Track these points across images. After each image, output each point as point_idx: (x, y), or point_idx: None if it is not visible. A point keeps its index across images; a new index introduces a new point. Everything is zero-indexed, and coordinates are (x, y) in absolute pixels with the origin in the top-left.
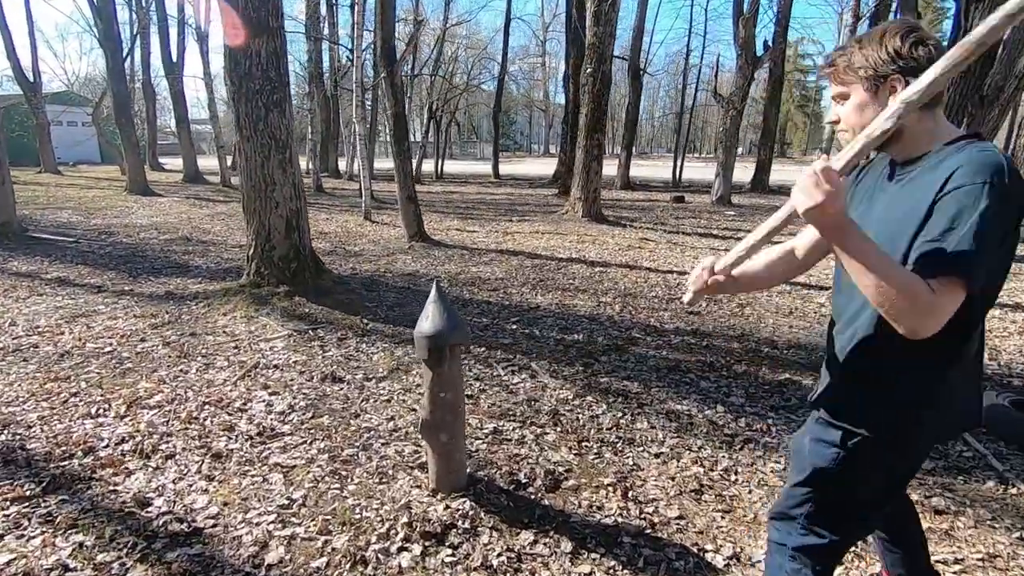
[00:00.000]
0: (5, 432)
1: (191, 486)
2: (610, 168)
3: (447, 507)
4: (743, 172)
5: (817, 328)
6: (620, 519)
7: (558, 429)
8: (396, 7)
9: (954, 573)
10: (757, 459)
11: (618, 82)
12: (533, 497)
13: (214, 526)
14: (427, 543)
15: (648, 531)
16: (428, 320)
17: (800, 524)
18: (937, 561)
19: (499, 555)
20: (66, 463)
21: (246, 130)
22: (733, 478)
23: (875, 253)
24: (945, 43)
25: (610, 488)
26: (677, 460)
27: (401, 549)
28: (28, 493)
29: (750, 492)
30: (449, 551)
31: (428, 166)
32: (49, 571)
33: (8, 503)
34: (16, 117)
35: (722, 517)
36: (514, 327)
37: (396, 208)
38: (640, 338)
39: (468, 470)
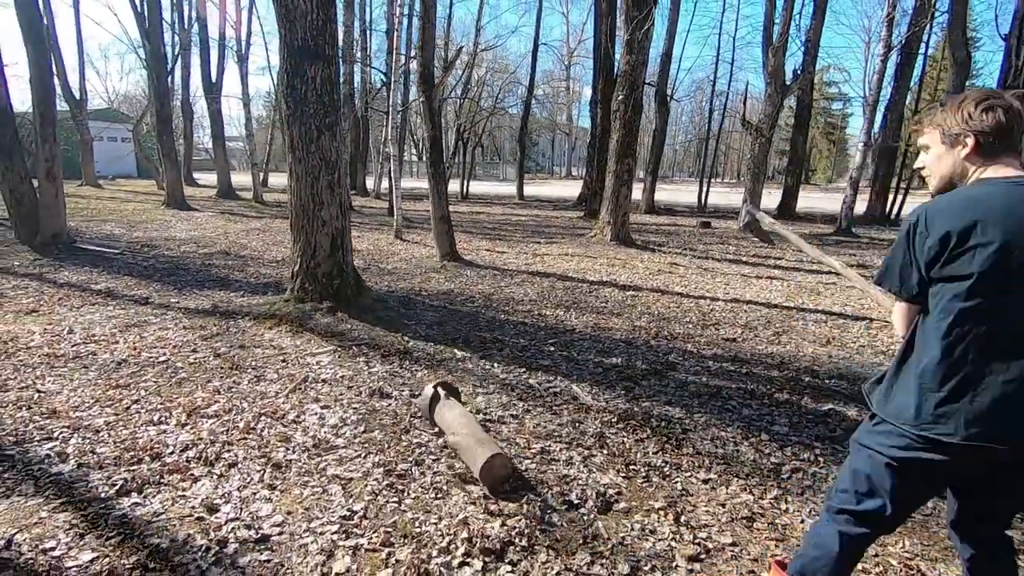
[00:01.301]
0: (76, 436)
1: (255, 494)
2: (635, 192)
3: (504, 524)
4: (768, 198)
5: (857, 359)
6: (674, 543)
7: (604, 452)
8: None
9: None
10: (807, 488)
11: (644, 108)
12: (586, 518)
13: (280, 534)
14: (487, 559)
15: (703, 557)
16: None
17: (838, 488)
18: None
19: (558, 574)
20: (135, 467)
21: (299, 151)
22: (784, 507)
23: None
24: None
25: (661, 512)
26: (726, 487)
27: (463, 564)
28: (103, 495)
29: (803, 522)
30: (509, 567)
31: (454, 186)
32: (131, 570)
33: (85, 504)
34: (61, 132)
35: (776, 545)
36: (552, 349)
37: (424, 227)
38: (679, 363)
39: (517, 483)
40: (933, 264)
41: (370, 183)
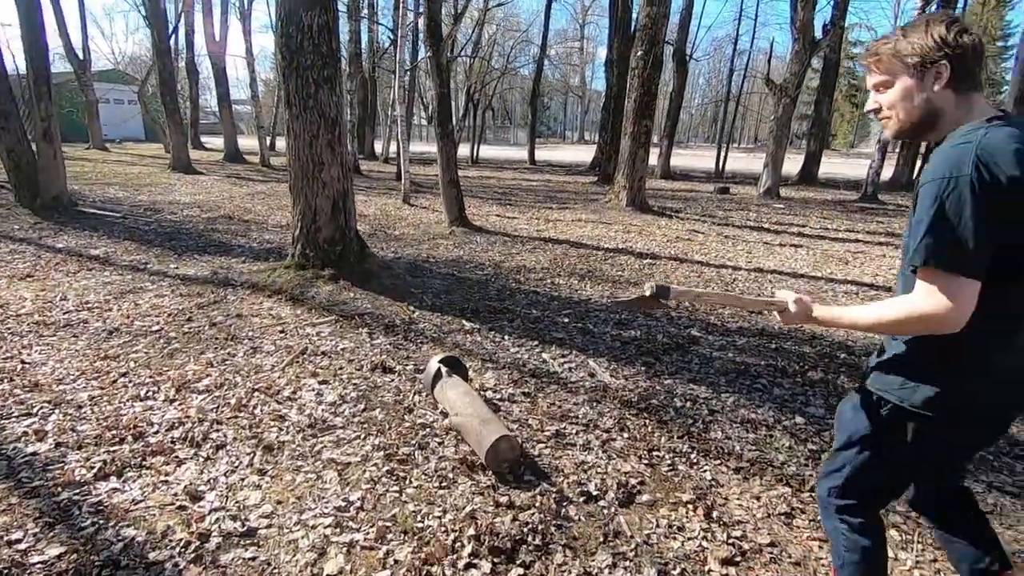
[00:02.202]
0: (57, 411)
1: (243, 480)
2: (650, 157)
3: (515, 519)
4: (789, 164)
5: None
6: (705, 543)
7: (625, 435)
8: None
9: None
10: None
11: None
12: (606, 512)
13: (268, 527)
14: (496, 560)
15: (738, 559)
16: None
17: (840, 487)
18: None
19: None
20: (116, 448)
21: (295, 107)
22: None
23: (847, 316)
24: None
25: (690, 506)
26: (760, 477)
27: (469, 566)
28: (80, 479)
29: None
30: (521, 571)
31: (464, 150)
32: (100, 569)
33: (60, 488)
34: (66, 94)
35: (820, 547)
36: (566, 320)
37: (433, 192)
38: (702, 337)
39: (530, 476)
40: (1003, 223)
41: (378, 147)
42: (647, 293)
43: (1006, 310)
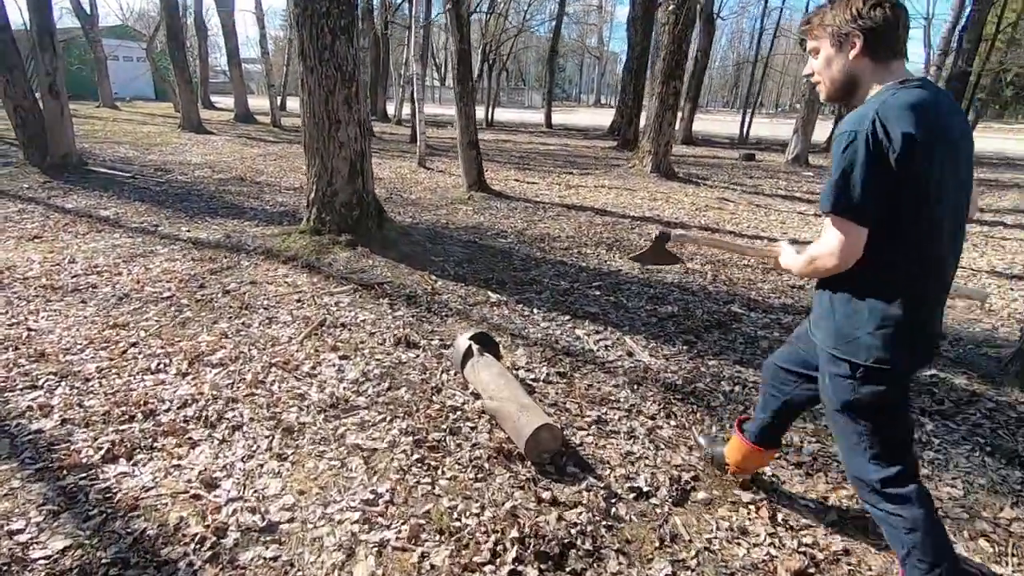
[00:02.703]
0: (63, 384)
1: (262, 466)
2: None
3: (561, 518)
4: (817, 130)
5: (958, 315)
6: (773, 551)
7: (672, 423)
8: None
9: None
10: (924, 479)
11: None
12: (659, 510)
13: (291, 521)
14: (543, 566)
15: (812, 571)
16: None
17: (872, 460)
18: None
19: None
20: (125, 427)
21: (310, 60)
22: None
23: (795, 264)
24: None
25: (751, 506)
26: (824, 474)
27: (513, 573)
28: (86, 461)
29: None
30: None
31: (479, 113)
32: (108, 567)
33: (65, 472)
34: (75, 51)
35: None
36: (597, 293)
37: (449, 155)
38: (743, 314)
39: (572, 467)
40: (900, 173)
41: (391, 109)
42: (653, 237)
43: (901, 254)
